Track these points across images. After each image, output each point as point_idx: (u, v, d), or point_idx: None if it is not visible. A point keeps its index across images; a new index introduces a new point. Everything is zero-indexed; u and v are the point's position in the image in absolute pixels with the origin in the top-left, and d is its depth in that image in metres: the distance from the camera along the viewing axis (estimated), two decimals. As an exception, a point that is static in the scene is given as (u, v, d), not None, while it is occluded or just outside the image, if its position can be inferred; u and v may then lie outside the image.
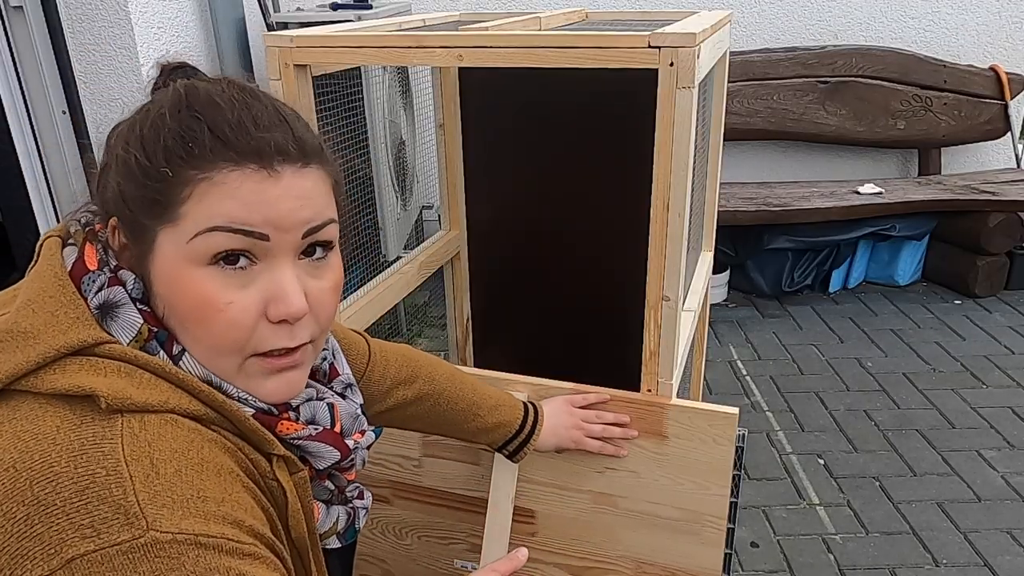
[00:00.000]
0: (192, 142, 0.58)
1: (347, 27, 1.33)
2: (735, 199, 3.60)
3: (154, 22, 2.66)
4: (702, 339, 1.87)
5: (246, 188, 0.59)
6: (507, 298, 1.82)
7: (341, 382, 0.76)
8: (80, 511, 0.50)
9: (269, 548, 0.57)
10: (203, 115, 0.59)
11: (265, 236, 0.59)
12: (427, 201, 3.67)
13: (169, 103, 0.61)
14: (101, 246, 0.63)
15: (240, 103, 0.61)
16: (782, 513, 2.26)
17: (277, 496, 0.62)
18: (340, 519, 0.73)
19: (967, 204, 3.53)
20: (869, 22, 3.82)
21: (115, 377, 0.57)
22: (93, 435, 0.54)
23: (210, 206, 0.58)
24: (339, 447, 0.69)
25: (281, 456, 0.63)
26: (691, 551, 1.20)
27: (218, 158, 0.58)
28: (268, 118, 0.61)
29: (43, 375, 0.56)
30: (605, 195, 1.59)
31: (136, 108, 0.64)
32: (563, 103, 1.57)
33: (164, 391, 0.58)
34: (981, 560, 2.07)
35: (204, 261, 0.59)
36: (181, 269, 0.59)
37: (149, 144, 0.59)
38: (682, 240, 1.06)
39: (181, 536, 0.51)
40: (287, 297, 0.60)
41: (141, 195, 0.59)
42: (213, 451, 0.58)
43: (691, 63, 0.97)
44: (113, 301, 0.60)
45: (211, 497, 0.54)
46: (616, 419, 1.16)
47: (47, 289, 0.60)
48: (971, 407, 2.79)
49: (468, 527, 1.33)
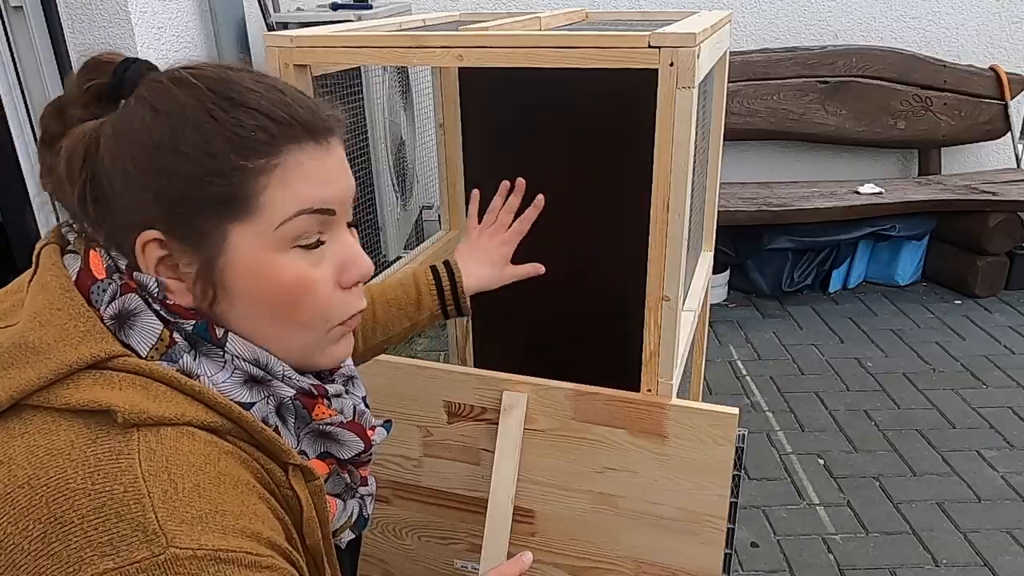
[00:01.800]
0: (253, 130, 0.58)
1: (347, 27, 1.33)
2: (735, 199, 3.59)
3: (154, 22, 2.66)
4: (702, 339, 1.87)
5: (312, 166, 0.61)
6: (507, 298, 1.82)
7: (343, 375, 0.76)
8: (98, 529, 0.49)
9: (286, 559, 0.57)
10: (247, 102, 0.59)
11: (334, 211, 0.62)
12: (427, 201, 3.67)
13: (194, 99, 0.58)
14: (106, 253, 0.61)
15: (266, 85, 0.61)
16: (782, 513, 2.26)
17: (292, 505, 0.62)
18: (354, 512, 0.73)
19: (967, 204, 3.53)
20: (869, 22, 3.82)
21: (130, 391, 0.56)
22: (109, 450, 0.53)
23: (290, 191, 0.59)
24: (363, 438, 0.70)
25: (297, 465, 0.62)
26: (691, 551, 1.20)
27: (281, 141, 0.59)
28: (296, 94, 0.62)
29: (56, 390, 0.55)
30: (605, 195, 1.59)
31: (120, 116, 0.60)
32: (563, 103, 1.57)
33: (180, 404, 0.57)
34: (981, 560, 2.07)
35: (288, 246, 0.60)
36: (266, 258, 0.60)
37: (200, 144, 0.57)
38: (682, 240, 1.06)
39: (201, 552, 0.50)
40: (361, 260, 0.65)
41: (204, 197, 0.58)
42: (230, 464, 0.57)
43: (691, 63, 0.97)
44: (129, 309, 0.59)
45: (229, 511, 0.54)
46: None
47: (54, 301, 0.59)
48: (971, 407, 2.79)
49: (468, 527, 1.33)
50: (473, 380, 1.24)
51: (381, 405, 1.29)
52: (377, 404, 1.28)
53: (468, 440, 1.28)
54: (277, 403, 0.64)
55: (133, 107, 0.60)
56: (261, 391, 0.63)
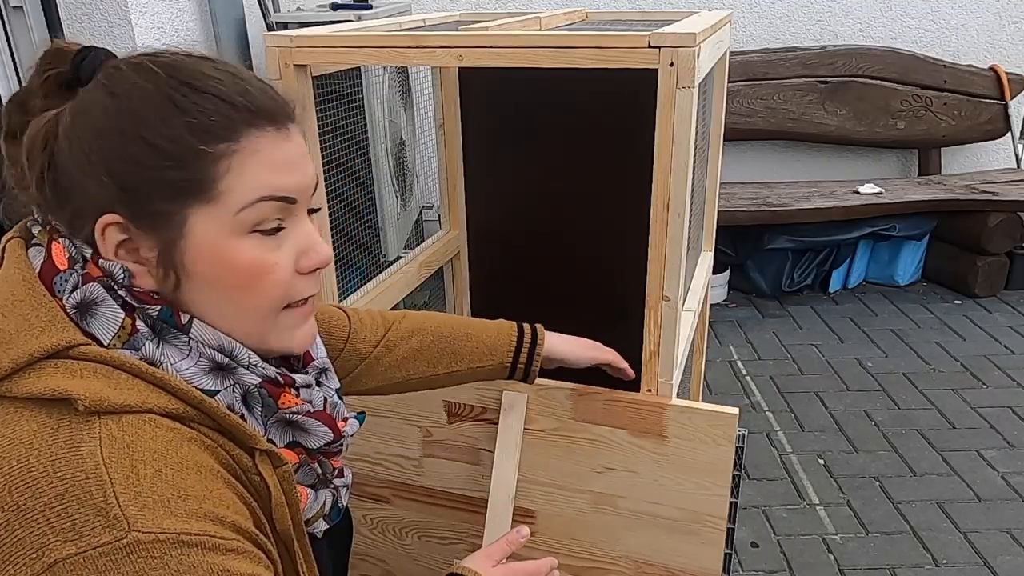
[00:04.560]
0: (213, 115, 0.58)
1: (347, 27, 1.33)
2: (735, 199, 3.60)
3: (154, 22, 2.66)
4: (702, 339, 1.87)
5: (271, 152, 0.61)
6: (507, 298, 1.82)
7: (315, 367, 0.77)
8: (60, 515, 0.50)
9: (253, 542, 0.58)
10: (207, 88, 0.59)
11: (294, 199, 0.63)
12: (427, 201, 3.67)
13: (152, 85, 0.58)
14: (70, 243, 0.61)
15: (224, 70, 0.61)
16: (782, 513, 2.26)
17: (260, 490, 0.62)
18: (327, 502, 0.74)
19: (967, 204, 3.53)
20: (869, 22, 3.82)
21: (92, 379, 0.56)
22: (71, 438, 0.53)
23: (250, 176, 0.60)
24: (332, 428, 0.71)
25: (264, 451, 0.63)
26: (691, 551, 1.20)
27: (241, 126, 0.59)
28: (255, 81, 0.63)
29: (17, 380, 0.55)
30: (605, 195, 1.59)
31: (78, 102, 0.59)
32: (563, 103, 1.57)
33: (142, 391, 0.57)
34: (981, 560, 2.07)
35: (246, 230, 0.61)
36: (225, 243, 0.60)
37: (160, 129, 0.58)
38: (682, 240, 1.06)
39: (163, 535, 0.51)
40: (319, 247, 0.65)
41: (163, 181, 0.58)
42: (193, 449, 0.57)
43: (691, 63, 0.97)
44: (91, 299, 0.59)
45: (192, 495, 0.54)
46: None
47: (16, 293, 0.59)
48: (971, 407, 2.79)
49: (468, 527, 1.33)
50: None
51: (381, 405, 1.29)
52: (377, 404, 1.28)
53: (468, 440, 1.28)
54: (243, 391, 0.64)
55: (91, 92, 0.60)
56: (226, 379, 0.63)
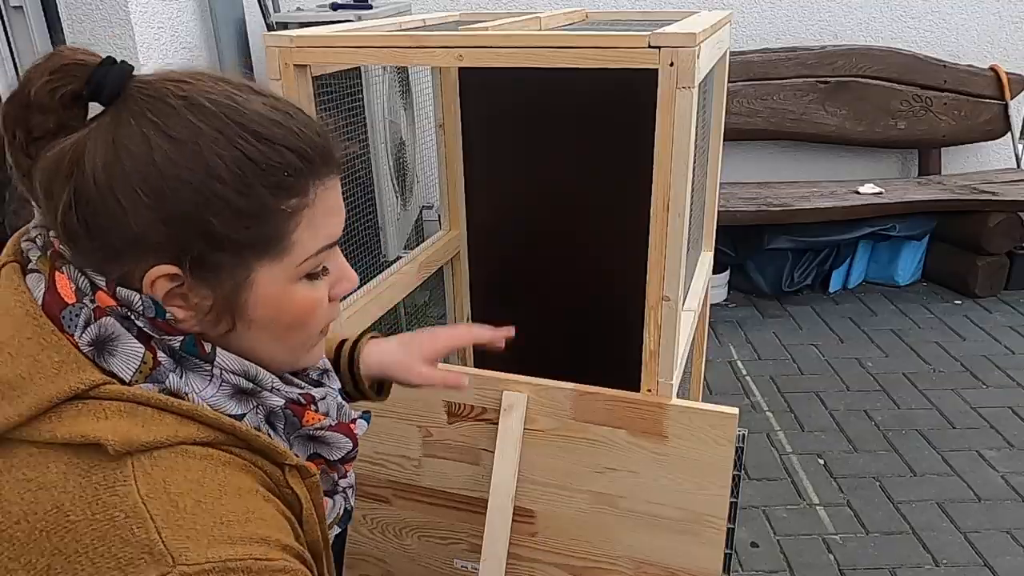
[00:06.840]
0: (286, 170, 0.57)
1: (347, 27, 1.33)
2: (735, 199, 3.59)
3: (154, 22, 2.66)
4: (702, 339, 1.87)
5: (331, 199, 0.62)
6: (507, 298, 1.82)
7: (318, 369, 0.77)
8: (104, 555, 0.49)
9: (297, 558, 0.57)
10: (273, 138, 0.57)
11: (338, 240, 0.65)
12: (427, 201, 3.66)
13: (215, 131, 0.55)
14: (76, 272, 0.57)
15: (278, 109, 0.59)
16: (782, 513, 2.26)
17: (293, 504, 0.62)
18: (340, 507, 0.74)
19: (967, 204, 3.53)
20: (869, 22, 3.82)
21: (118, 419, 0.54)
22: (104, 480, 0.52)
23: (316, 230, 0.61)
24: (351, 437, 0.71)
25: (293, 465, 0.63)
26: (691, 551, 1.20)
27: (311, 179, 0.59)
28: (306, 119, 0.61)
29: (38, 424, 0.53)
30: (605, 195, 1.59)
31: (118, 134, 0.54)
32: (563, 103, 1.57)
33: (171, 425, 0.56)
34: (981, 560, 2.07)
35: (301, 276, 0.62)
36: (284, 289, 0.61)
37: (232, 183, 0.55)
38: (682, 240, 1.06)
39: (209, 565, 0.50)
40: (350, 275, 0.68)
41: (234, 238, 0.56)
42: (228, 473, 0.57)
43: (691, 63, 0.97)
44: (106, 335, 0.56)
45: (234, 520, 0.53)
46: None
47: (22, 330, 0.55)
48: (971, 407, 2.79)
49: (468, 527, 1.33)
50: (473, 380, 1.24)
51: (381, 405, 1.29)
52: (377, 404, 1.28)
53: (468, 440, 1.28)
54: (267, 412, 0.64)
55: (136, 128, 0.54)
56: (250, 402, 0.63)
